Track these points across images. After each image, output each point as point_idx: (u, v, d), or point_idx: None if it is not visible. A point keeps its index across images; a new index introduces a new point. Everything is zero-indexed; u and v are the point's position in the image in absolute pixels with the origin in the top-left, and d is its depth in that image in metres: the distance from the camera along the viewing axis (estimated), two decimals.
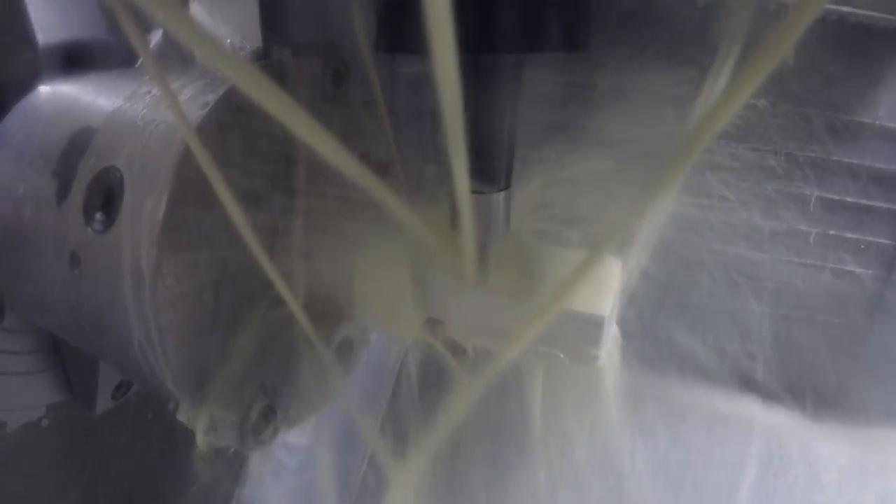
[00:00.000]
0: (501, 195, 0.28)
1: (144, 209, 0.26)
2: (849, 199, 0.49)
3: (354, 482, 0.65)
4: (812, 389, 0.56)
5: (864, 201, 0.49)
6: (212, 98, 0.28)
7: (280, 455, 0.64)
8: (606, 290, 0.28)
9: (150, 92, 0.30)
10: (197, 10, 0.36)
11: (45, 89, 0.35)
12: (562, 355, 0.28)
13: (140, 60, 0.40)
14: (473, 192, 0.23)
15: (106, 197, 0.28)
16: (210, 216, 0.28)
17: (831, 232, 0.50)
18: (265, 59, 0.32)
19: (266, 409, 0.29)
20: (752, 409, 0.59)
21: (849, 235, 0.50)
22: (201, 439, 0.29)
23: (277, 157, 0.31)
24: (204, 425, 0.29)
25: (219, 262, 0.29)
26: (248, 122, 0.29)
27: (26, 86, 0.35)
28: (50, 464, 0.47)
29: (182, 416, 0.29)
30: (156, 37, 0.38)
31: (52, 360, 0.42)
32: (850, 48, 0.44)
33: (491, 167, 0.27)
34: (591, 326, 0.27)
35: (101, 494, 0.51)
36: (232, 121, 0.29)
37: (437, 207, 0.28)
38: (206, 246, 0.28)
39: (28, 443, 0.44)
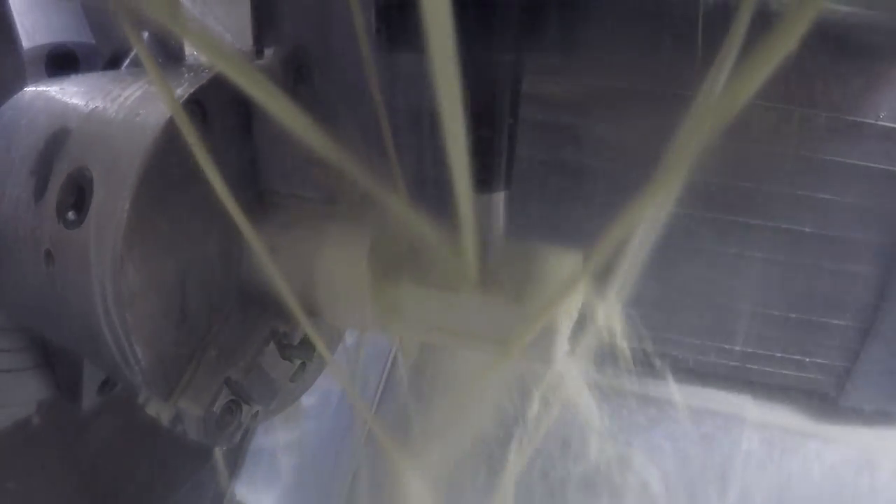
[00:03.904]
0: (501, 195, 0.28)
1: (111, 207, 0.27)
2: None
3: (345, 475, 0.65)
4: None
5: None
6: (197, 82, 0.29)
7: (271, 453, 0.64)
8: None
9: (123, 94, 0.31)
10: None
11: (28, 91, 0.36)
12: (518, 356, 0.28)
13: (125, 63, 0.41)
14: (474, 192, 0.23)
15: (78, 196, 0.29)
16: (176, 213, 0.29)
17: None
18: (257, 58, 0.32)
19: (230, 404, 0.30)
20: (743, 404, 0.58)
21: None
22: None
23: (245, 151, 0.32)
24: (170, 418, 0.29)
25: (185, 259, 0.30)
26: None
27: (11, 89, 0.36)
28: (40, 461, 0.47)
29: (151, 410, 0.30)
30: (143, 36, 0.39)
31: (41, 357, 0.43)
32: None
33: (491, 167, 0.27)
34: (545, 328, 0.27)
35: (91, 491, 0.52)
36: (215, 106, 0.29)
37: (437, 206, 0.28)
38: (173, 242, 0.29)
39: (18, 440, 0.44)
